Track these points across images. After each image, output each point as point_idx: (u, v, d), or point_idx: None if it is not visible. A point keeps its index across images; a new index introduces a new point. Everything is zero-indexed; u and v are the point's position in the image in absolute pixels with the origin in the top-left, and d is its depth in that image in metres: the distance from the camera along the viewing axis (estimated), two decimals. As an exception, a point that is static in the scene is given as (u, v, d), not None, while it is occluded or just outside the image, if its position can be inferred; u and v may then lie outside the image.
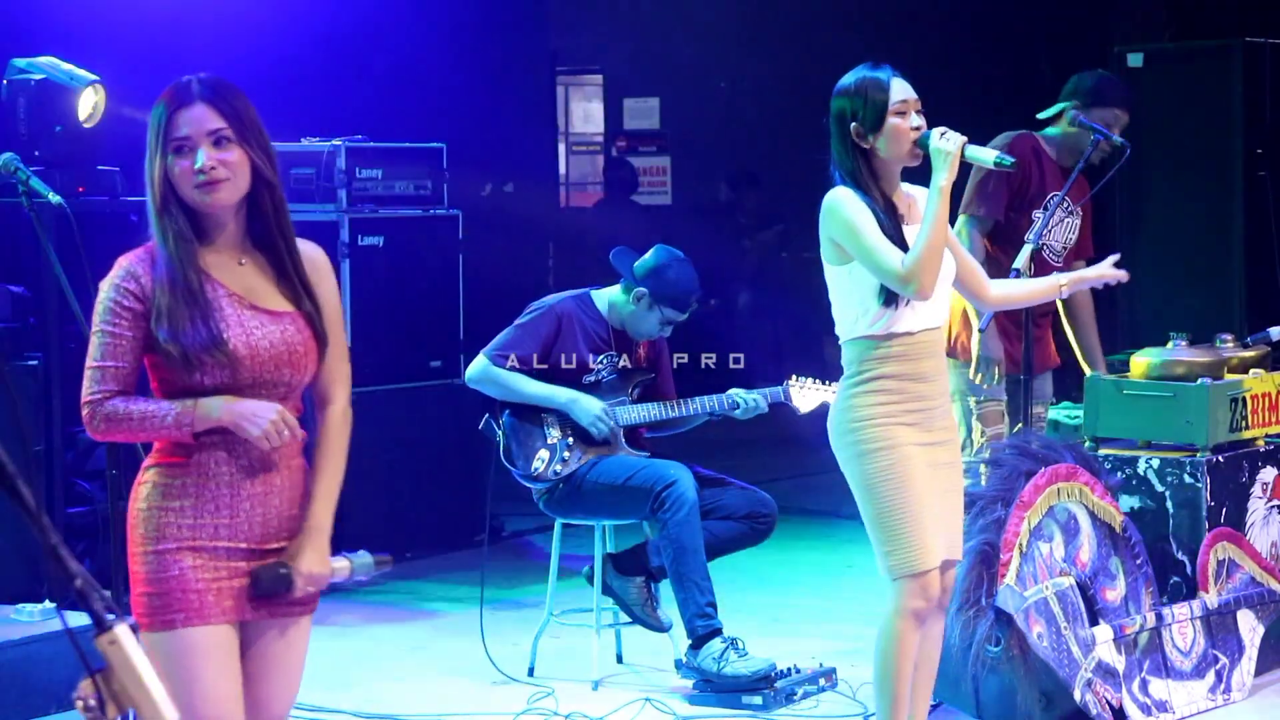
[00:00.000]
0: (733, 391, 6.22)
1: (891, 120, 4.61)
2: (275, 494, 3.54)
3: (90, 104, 6.96)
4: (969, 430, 6.31)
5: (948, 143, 4.60)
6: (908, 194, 4.75)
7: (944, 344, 4.82)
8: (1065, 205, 6.24)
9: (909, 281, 4.52)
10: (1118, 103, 6.31)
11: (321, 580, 3.58)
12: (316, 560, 3.58)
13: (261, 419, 3.41)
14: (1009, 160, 4.76)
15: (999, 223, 6.21)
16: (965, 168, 5.02)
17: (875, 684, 4.78)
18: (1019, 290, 5.13)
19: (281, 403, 3.50)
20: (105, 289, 3.50)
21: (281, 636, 3.57)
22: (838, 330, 4.75)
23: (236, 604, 3.48)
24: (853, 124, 4.62)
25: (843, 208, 4.58)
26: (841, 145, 4.66)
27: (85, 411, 3.47)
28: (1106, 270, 5.16)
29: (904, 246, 4.57)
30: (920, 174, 4.75)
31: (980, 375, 6.09)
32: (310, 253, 3.61)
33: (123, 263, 3.50)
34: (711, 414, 6.26)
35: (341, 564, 3.65)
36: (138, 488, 3.51)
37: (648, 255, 6.24)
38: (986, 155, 4.75)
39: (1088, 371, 6.36)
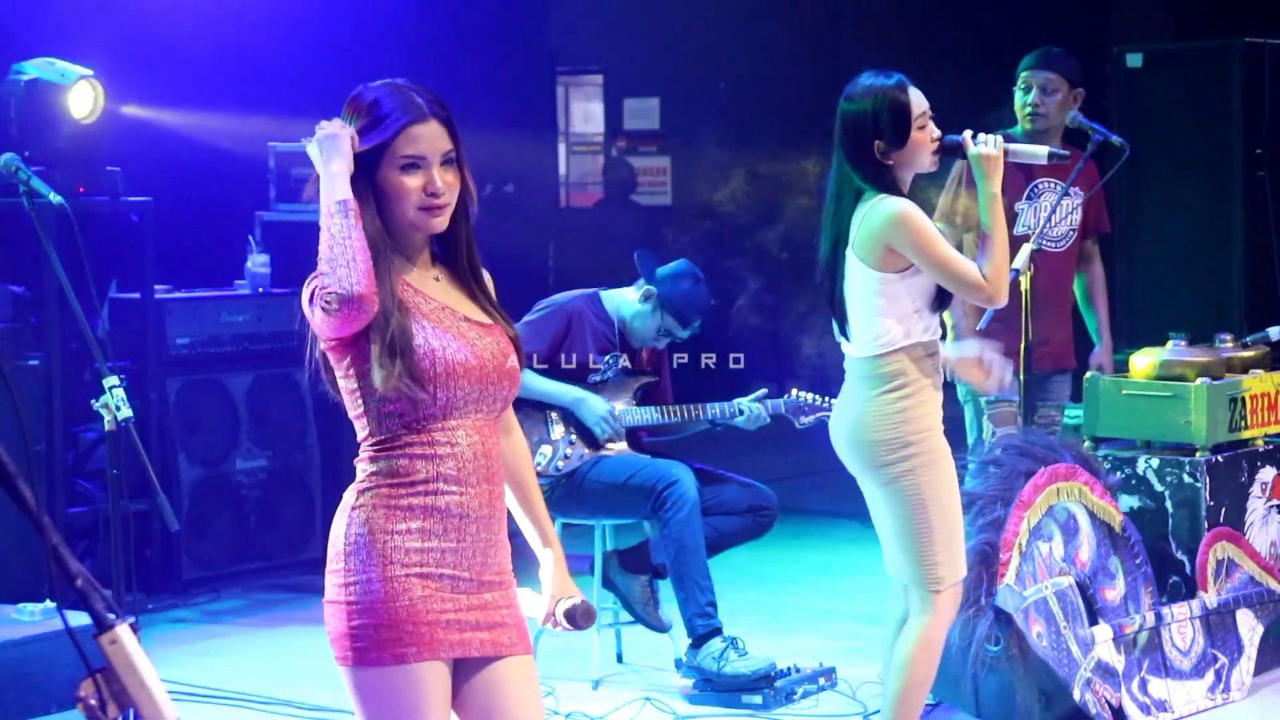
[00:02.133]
0: (736, 401, 6.22)
1: (915, 134, 4.60)
2: (498, 519, 3.31)
3: (87, 100, 6.95)
4: (980, 431, 6.30)
5: (987, 146, 4.59)
6: None
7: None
8: (1056, 188, 6.25)
9: (992, 292, 4.56)
10: (1046, 65, 6.37)
11: (591, 610, 3.56)
12: (574, 585, 3.52)
13: (339, 136, 3.16)
14: (1065, 153, 4.78)
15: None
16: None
17: (899, 694, 4.72)
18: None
19: (496, 420, 3.29)
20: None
21: (510, 675, 3.29)
22: (864, 343, 4.63)
23: (461, 639, 3.21)
24: (876, 141, 4.58)
25: (916, 219, 4.53)
26: (861, 157, 4.60)
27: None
28: (990, 376, 4.97)
29: None
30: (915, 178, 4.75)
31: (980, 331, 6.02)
32: (485, 273, 3.40)
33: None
34: (714, 421, 6.26)
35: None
36: (352, 511, 3.22)
37: (673, 263, 6.28)
38: (1038, 150, 4.77)
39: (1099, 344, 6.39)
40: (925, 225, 4.54)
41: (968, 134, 4.62)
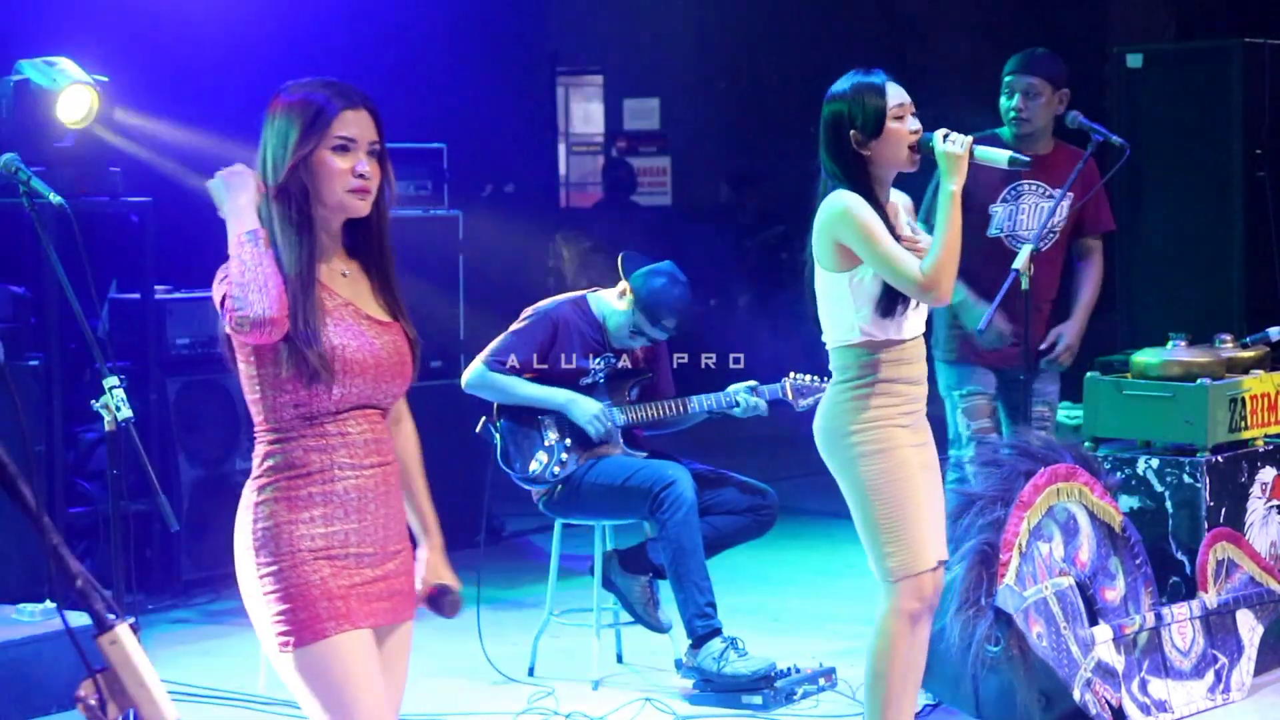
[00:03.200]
0: (731, 389, 6.22)
1: (891, 124, 4.60)
2: (394, 492, 3.47)
3: (80, 105, 6.92)
4: (955, 425, 6.32)
5: (954, 145, 4.58)
6: (893, 201, 4.75)
7: (925, 349, 4.81)
8: (1038, 189, 6.27)
9: (930, 288, 4.52)
10: (1026, 70, 6.37)
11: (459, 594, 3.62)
12: (450, 573, 3.62)
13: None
14: (1025, 159, 4.73)
15: None
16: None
17: (868, 684, 4.78)
18: None
19: (385, 413, 3.44)
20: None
21: (397, 641, 3.50)
22: (827, 336, 4.71)
23: (372, 610, 3.38)
24: (851, 130, 4.59)
25: (855, 212, 4.54)
26: (838, 152, 4.62)
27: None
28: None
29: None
30: (910, 180, 4.75)
31: (980, 332, 6.00)
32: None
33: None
34: (710, 412, 6.26)
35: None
36: (254, 508, 3.37)
37: (655, 264, 6.25)
38: (999, 155, 4.71)
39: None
40: (868, 219, 4.54)
41: (940, 132, 4.62)
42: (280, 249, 3.37)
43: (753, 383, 6.21)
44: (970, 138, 4.62)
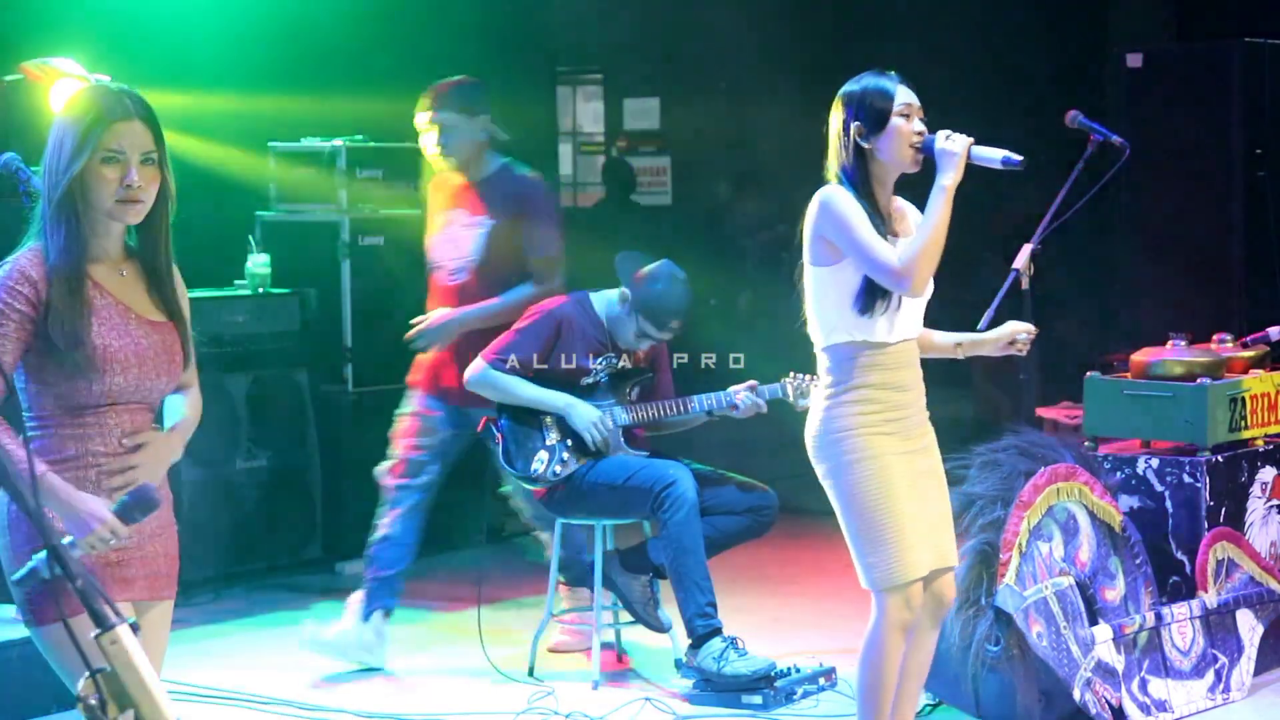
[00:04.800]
0: (731, 389, 6.22)
1: (895, 121, 4.60)
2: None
3: None
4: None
5: (952, 143, 4.59)
6: (899, 206, 4.74)
7: (918, 354, 4.78)
8: (461, 218, 6.46)
9: (903, 276, 4.50)
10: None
11: (136, 477, 3.65)
12: (155, 459, 3.68)
13: (88, 526, 3.47)
14: (1017, 159, 4.71)
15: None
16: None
17: (859, 694, 4.75)
18: (924, 340, 4.83)
19: (150, 408, 3.65)
20: None
21: (154, 617, 3.68)
22: (814, 337, 4.69)
23: (123, 579, 3.60)
24: (855, 123, 4.60)
25: (837, 202, 4.55)
26: (841, 146, 4.63)
27: None
28: (1005, 336, 4.90)
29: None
30: (912, 184, 4.74)
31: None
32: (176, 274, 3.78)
33: (17, 262, 3.57)
34: (710, 412, 6.25)
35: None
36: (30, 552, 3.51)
37: (651, 265, 6.24)
38: (994, 154, 4.70)
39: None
40: (849, 209, 4.54)
41: (941, 133, 4.63)
42: (51, 249, 3.54)
43: (752, 383, 6.20)
44: (969, 139, 4.63)
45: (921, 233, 4.54)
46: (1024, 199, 6.05)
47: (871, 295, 4.55)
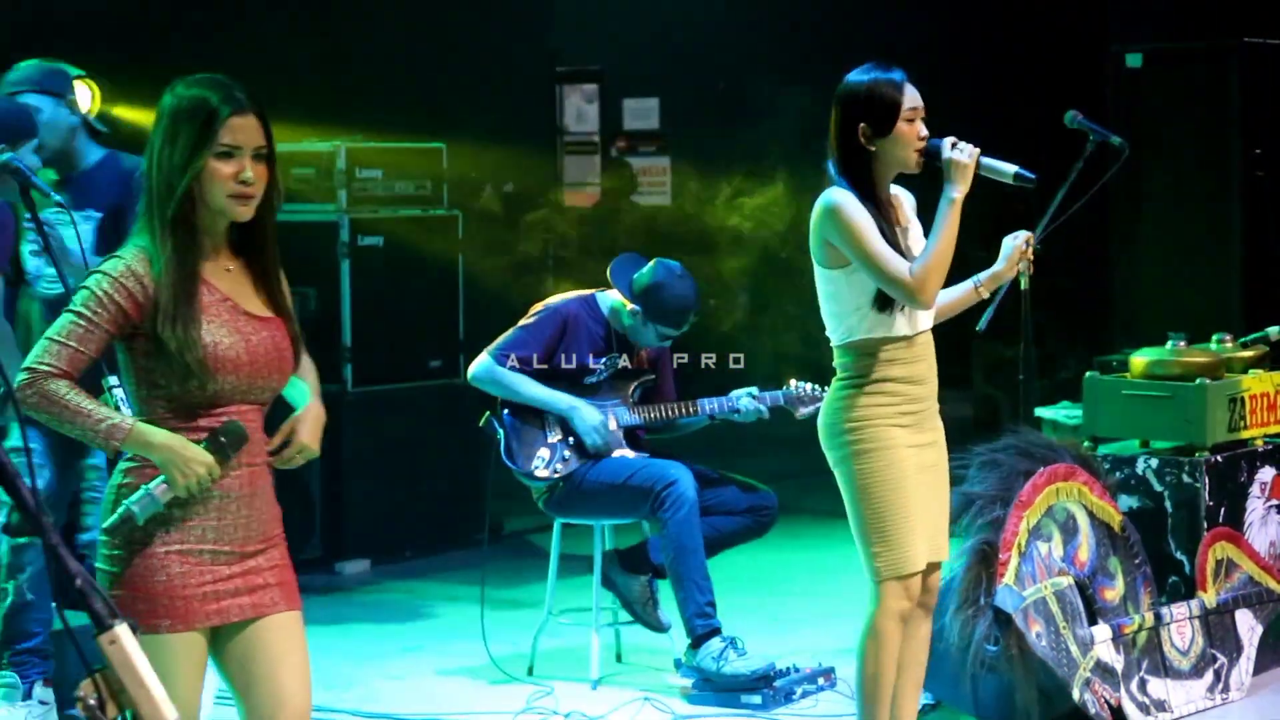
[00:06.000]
0: (734, 394, 6.22)
1: (901, 125, 4.58)
2: (258, 495, 3.57)
3: (81, 102, 6.90)
4: None
5: (961, 154, 4.56)
6: (895, 193, 4.73)
7: (933, 346, 4.78)
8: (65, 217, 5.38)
9: (916, 292, 4.50)
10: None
11: (313, 453, 3.66)
12: (313, 435, 3.67)
13: (193, 469, 3.41)
14: (1031, 176, 4.67)
15: None
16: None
17: (857, 685, 4.77)
18: (941, 303, 4.78)
19: (262, 408, 3.57)
20: (99, 278, 3.45)
21: (268, 633, 3.56)
22: (830, 334, 4.71)
23: (219, 608, 3.49)
24: (861, 124, 4.59)
25: (844, 211, 4.53)
26: (844, 144, 4.62)
27: (24, 377, 3.42)
28: (1014, 258, 4.83)
29: (899, 252, 4.56)
30: (913, 176, 4.73)
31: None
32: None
33: (124, 256, 3.47)
34: (712, 416, 6.26)
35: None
36: (119, 489, 3.48)
37: (644, 271, 6.22)
38: (1005, 168, 4.65)
39: None
40: (857, 218, 4.52)
41: (948, 140, 4.60)
42: (162, 247, 3.44)
43: (754, 389, 6.22)
44: (977, 149, 4.60)
45: (930, 246, 4.53)
46: (1023, 199, 6.04)
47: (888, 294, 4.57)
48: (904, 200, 4.75)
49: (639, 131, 13.68)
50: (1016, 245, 4.85)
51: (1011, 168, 4.64)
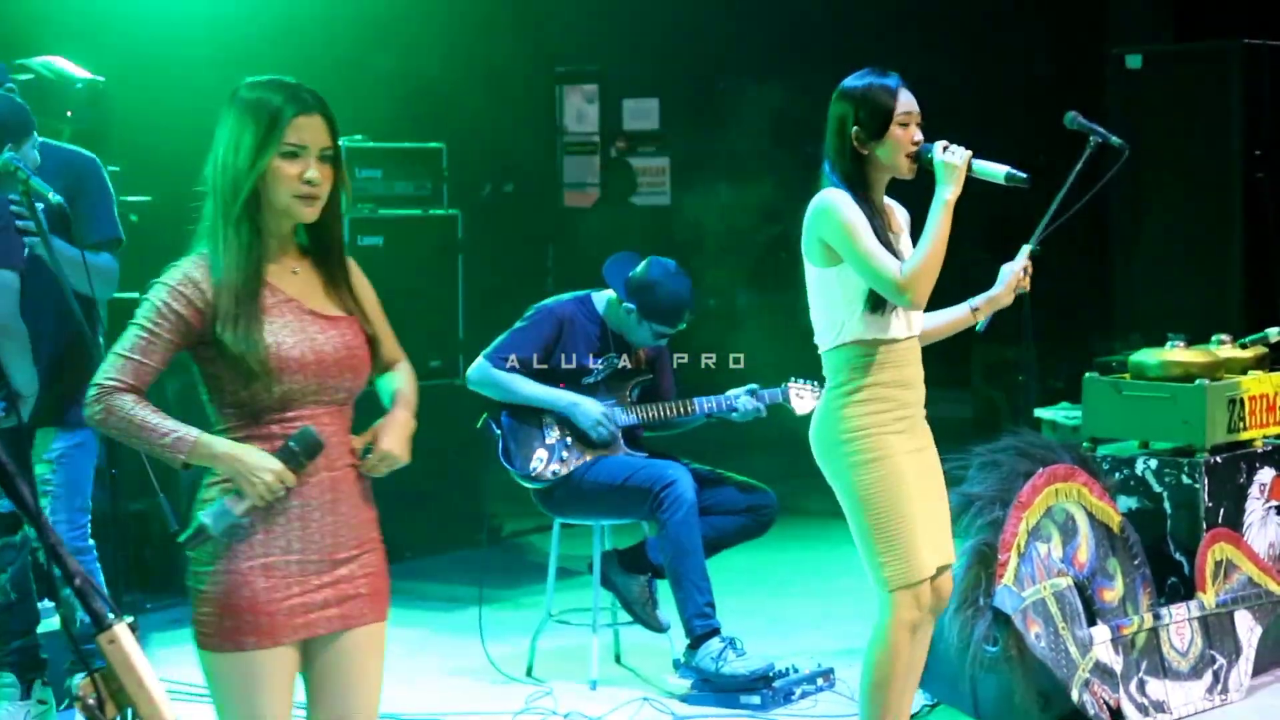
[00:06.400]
0: (731, 393, 6.22)
1: (895, 130, 4.59)
2: (342, 500, 3.48)
3: (85, 102, 6.91)
4: None
5: (952, 156, 4.57)
6: (887, 204, 4.74)
7: (920, 352, 4.78)
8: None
9: (906, 291, 4.50)
10: None
11: (396, 460, 3.52)
12: (398, 442, 3.53)
13: (260, 477, 3.33)
14: (1022, 176, 4.67)
15: None
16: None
17: (865, 693, 4.75)
18: (936, 323, 4.83)
19: (339, 410, 3.46)
20: (158, 288, 3.40)
21: (355, 644, 3.50)
22: (819, 338, 4.70)
23: (306, 621, 3.42)
24: (854, 128, 4.60)
25: (839, 210, 4.55)
26: (839, 147, 4.63)
27: (93, 391, 3.36)
28: (1011, 283, 4.84)
29: (892, 254, 4.57)
30: (908, 187, 4.74)
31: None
32: (353, 266, 3.61)
33: (182, 265, 3.41)
34: (710, 415, 6.27)
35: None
36: (198, 503, 3.41)
37: (639, 269, 6.22)
38: (996, 170, 4.65)
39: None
40: (851, 217, 4.53)
41: (939, 144, 4.61)
42: (223, 251, 3.39)
43: (753, 386, 6.22)
44: (969, 151, 4.61)
45: (922, 247, 4.54)
46: (1022, 200, 6.03)
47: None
48: (896, 211, 4.77)
49: (639, 132, 13.69)
50: (1015, 272, 4.86)
51: (1003, 169, 4.65)
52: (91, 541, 5.66)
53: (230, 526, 3.35)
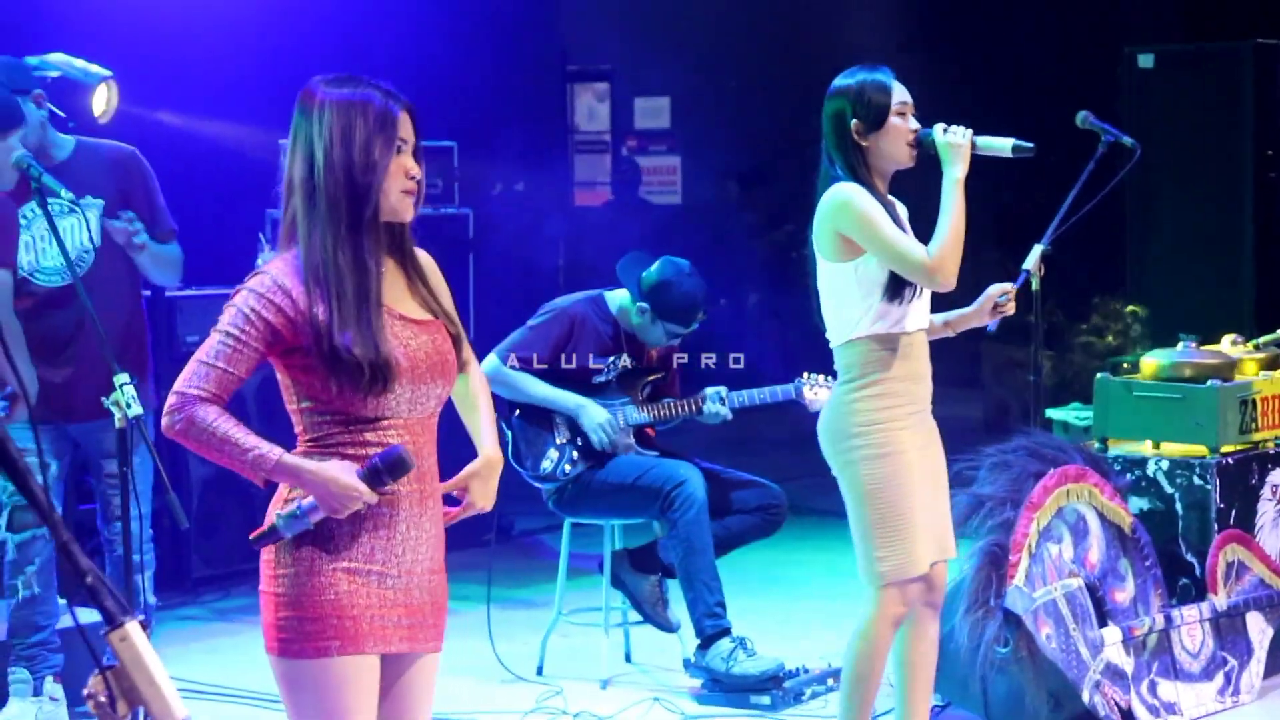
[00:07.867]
0: (703, 391, 6.22)
1: (893, 120, 4.63)
2: (429, 516, 3.36)
3: (103, 100, 6.94)
4: None
5: (955, 135, 4.61)
6: (890, 198, 4.76)
7: (929, 347, 4.78)
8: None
9: (936, 272, 4.52)
10: None
11: (484, 508, 3.45)
12: (487, 493, 3.45)
13: (341, 503, 3.19)
14: (1029, 145, 4.70)
15: None
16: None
17: (846, 686, 4.77)
18: None
19: (427, 421, 3.33)
20: (246, 295, 3.28)
21: (418, 673, 3.37)
22: (832, 333, 4.70)
23: (385, 634, 3.27)
24: (853, 121, 4.63)
25: (856, 201, 4.56)
26: (840, 144, 4.65)
27: (174, 400, 3.24)
28: (986, 305, 4.82)
29: None
30: (909, 176, 4.75)
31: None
32: (422, 256, 3.44)
33: (271, 271, 3.28)
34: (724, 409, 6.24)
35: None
36: (284, 504, 3.29)
37: (652, 269, 6.22)
38: (1002, 143, 4.70)
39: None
40: (869, 208, 4.56)
41: (939, 126, 4.64)
42: (333, 253, 3.22)
43: (721, 389, 6.18)
44: (970, 129, 4.64)
45: (943, 227, 4.56)
46: (1034, 200, 6.03)
47: (900, 283, 4.59)
48: (896, 205, 4.77)
49: (650, 131, 13.69)
50: (991, 296, 4.85)
51: (1008, 141, 4.70)
52: (150, 530, 5.74)
53: (301, 529, 3.25)
